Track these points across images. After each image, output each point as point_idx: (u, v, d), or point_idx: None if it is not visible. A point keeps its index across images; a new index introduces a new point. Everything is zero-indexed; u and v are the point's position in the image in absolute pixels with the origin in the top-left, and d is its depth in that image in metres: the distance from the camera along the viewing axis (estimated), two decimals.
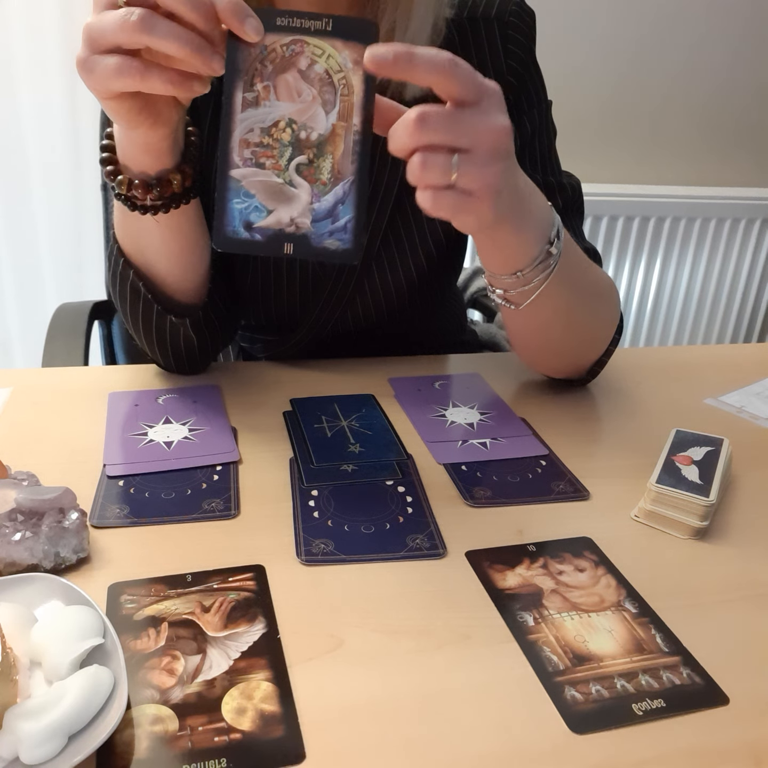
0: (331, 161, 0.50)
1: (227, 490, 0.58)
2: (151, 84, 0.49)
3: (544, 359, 0.75)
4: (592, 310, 0.70)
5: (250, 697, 0.40)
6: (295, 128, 0.50)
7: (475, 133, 0.48)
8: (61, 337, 0.95)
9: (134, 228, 0.64)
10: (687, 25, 1.73)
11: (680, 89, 1.79)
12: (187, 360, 0.74)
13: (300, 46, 0.49)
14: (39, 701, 0.36)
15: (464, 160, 0.48)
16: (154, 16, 0.46)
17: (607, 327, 0.73)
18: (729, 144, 1.90)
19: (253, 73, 0.49)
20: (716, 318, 2.04)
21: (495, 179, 0.49)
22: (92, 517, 0.53)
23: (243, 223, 0.51)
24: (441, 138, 0.47)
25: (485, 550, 0.52)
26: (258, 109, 0.50)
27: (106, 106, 0.52)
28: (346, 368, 0.79)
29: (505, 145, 0.50)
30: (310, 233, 0.51)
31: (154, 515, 0.54)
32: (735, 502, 0.60)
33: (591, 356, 0.74)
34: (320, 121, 0.50)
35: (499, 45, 0.73)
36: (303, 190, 0.51)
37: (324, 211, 0.51)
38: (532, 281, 0.60)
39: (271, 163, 0.50)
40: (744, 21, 1.76)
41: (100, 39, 0.48)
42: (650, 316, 1.99)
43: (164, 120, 0.54)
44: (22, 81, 1.49)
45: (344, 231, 0.51)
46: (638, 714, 0.40)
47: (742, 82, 1.83)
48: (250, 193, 0.51)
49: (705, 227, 1.89)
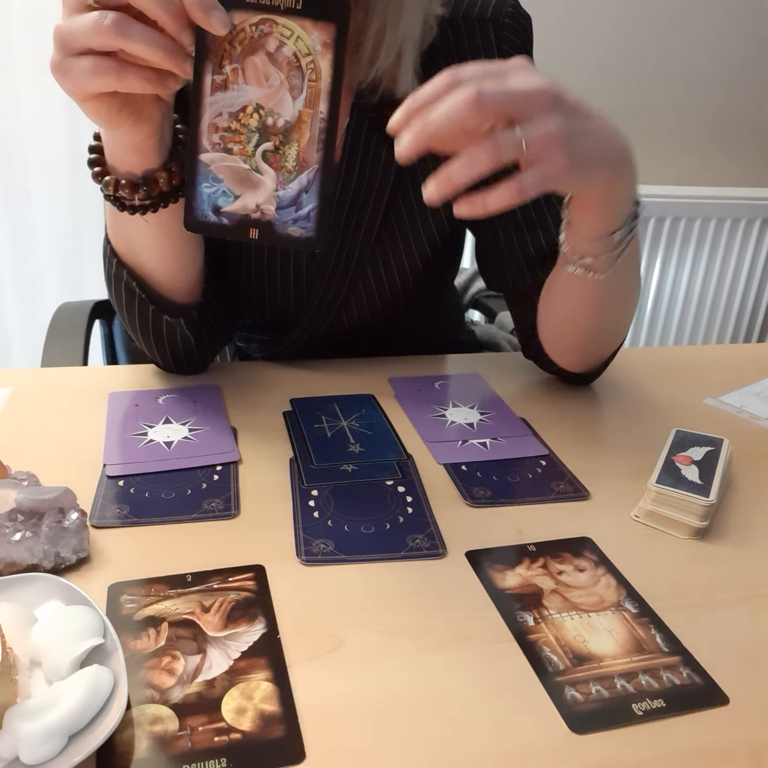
0: (296, 149, 0.50)
1: (227, 490, 0.58)
2: (127, 83, 0.49)
3: (573, 349, 0.75)
4: (634, 296, 0.72)
5: (250, 697, 0.40)
6: (263, 114, 0.50)
7: (525, 95, 0.47)
8: (61, 336, 0.95)
9: (125, 228, 0.64)
10: (688, 25, 1.73)
11: (680, 89, 1.79)
12: (186, 360, 0.74)
13: (269, 26, 0.48)
14: (39, 701, 0.36)
15: (524, 127, 0.47)
16: (127, 19, 0.46)
17: (630, 320, 0.75)
18: (729, 144, 1.90)
19: (222, 54, 0.49)
20: (716, 318, 2.04)
21: (559, 134, 0.48)
22: (92, 517, 0.53)
23: (211, 207, 0.52)
24: (504, 109, 0.47)
25: (485, 550, 0.52)
26: (226, 92, 0.50)
27: (85, 107, 0.52)
28: (346, 368, 0.79)
29: (552, 92, 0.49)
30: (274, 220, 0.51)
31: (154, 515, 0.54)
32: (735, 502, 0.60)
33: (610, 350, 0.75)
34: (287, 107, 0.50)
35: (494, 46, 0.73)
36: (269, 177, 0.51)
37: (288, 199, 0.51)
38: (621, 242, 0.60)
39: (238, 149, 0.51)
40: (744, 21, 1.76)
41: (73, 42, 0.48)
42: (650, 316, 1.99)
43: (146, 118, 0.54)
44: (23, 81, 1.49)
45: (307, 219, 0.51)
46: (638, 714, 0.40)
47: (743, 82, 1.83)
48: (218, 177, 0.51)
49: (705, 227, 1.89)
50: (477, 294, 1.23)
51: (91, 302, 1.04)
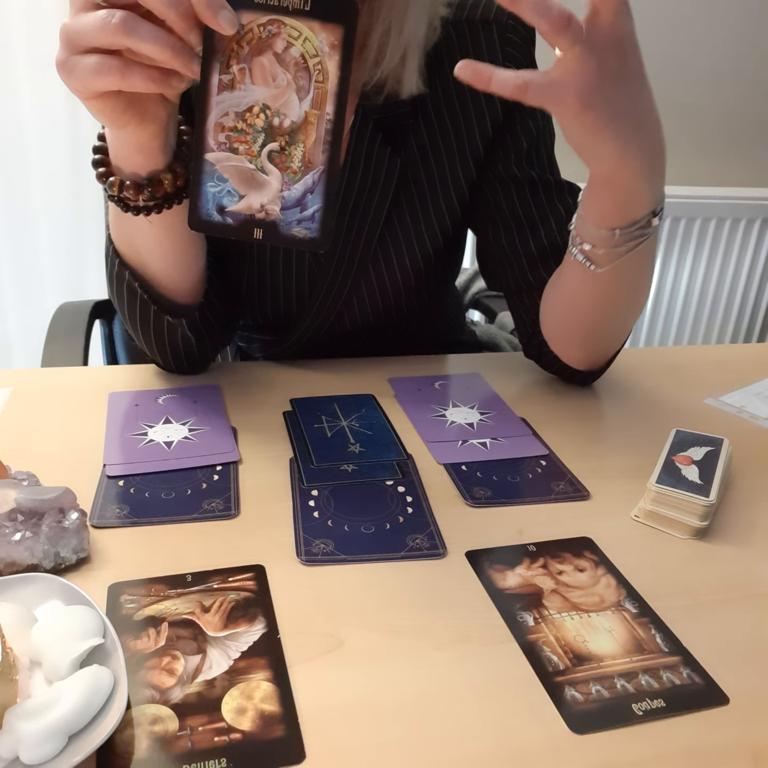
0: (302, 150, 0.50)
1: (227, 490, 0.58)
2: (132, 82, 0.49)
3: (576, 339, 0.74)
4: (640, 297, 0.72)
5: (250, 697, 0.40)
6: (269, 114, 0.50)
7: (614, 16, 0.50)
8: (62, 336, 0.95)
9: (128, 229, 0.64)
10: (689, 24, 1.73)
11: (680, 90, 1.79)
12: (186, 360, 0.74)
13: (277, 27, 0.48)
14: (39, 701, 0.36)
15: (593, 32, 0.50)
16: (135, 18, 0.47)
17: (636, 318, 0.75)
18: (729, 144, 1.90)
19: (230, 54, 0.49)
20: (716, 318, 2.04)
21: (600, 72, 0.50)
22: (92, 517, 0.53)
23: (216, 207, 0.52)
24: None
25: (485, 550, 0.52)
26: (233, 92, 0.50)
27: (90, 106, 0.52)
28: (346, 368, 0.79)
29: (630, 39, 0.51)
30: (279, 220, 0.51)
31: (154, 515, 0.54)
32: (735, 502, 0.60)
33: (614, 347, 0.75)
34: (293, 107, 0.50)
35: (497, 47, 0.73)
36: (274, 177, 0.51)
37: (293, 200, 0.51)
38: (624, 243, 0.60)
39: (244, 149, 0.50)
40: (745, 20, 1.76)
41: (80, 40, 0.48)
42: (650, 316, 1.99)
43: (151, 117, 0.54)
44: (23, 81, 1.49)
45: (312, 220, 0.51)
46: (638, 714, 0.40)
47: (742, 82, 1.83)
48: (223, 177, 0.51)
49: (705, 227, 1.89)
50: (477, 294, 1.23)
51: (91, 302, 1.04)
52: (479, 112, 0.75)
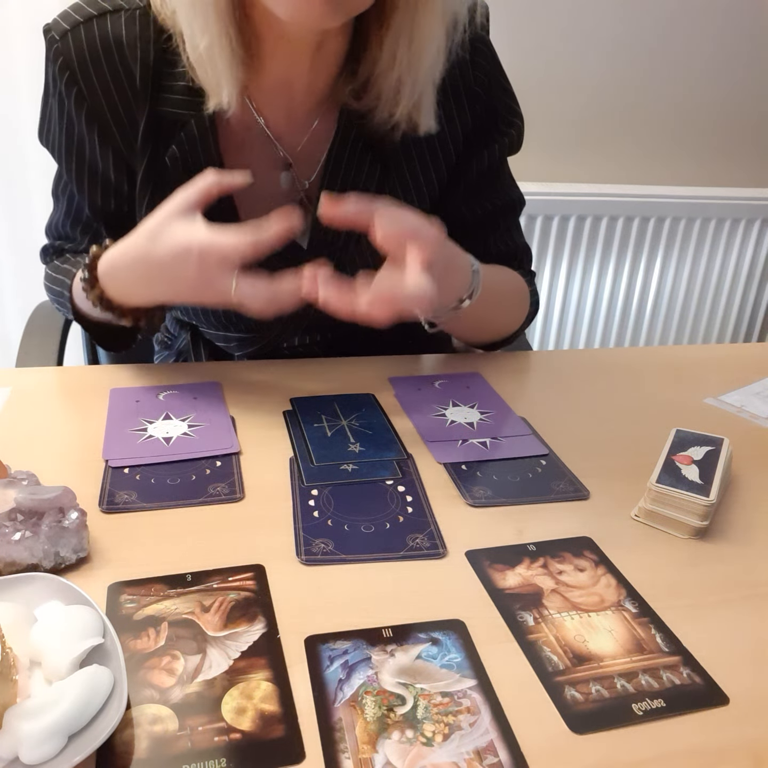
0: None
1: (231, 475, 0.59)
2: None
3: (468, 340, 0.89)
4: (503, 312, 0.84)
5: (250, 697, 0.40)
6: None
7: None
8: (38, 335, 0.96)
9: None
10: (688, 24, 1.73)
11: (680, 90, 1.79)
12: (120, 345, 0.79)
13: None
14: (39, 701, 0.36)
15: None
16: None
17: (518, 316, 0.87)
18: (729, 144, 1.90)
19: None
20: (716, 318, 2.04)
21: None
22: (101, 504, 0.55)
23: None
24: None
25: (485, 550, 0.52)
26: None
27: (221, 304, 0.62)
28: (346, 368, 0.79)
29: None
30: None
31: (162, 500, 0.56)
32: (735, 502, 0.60)
33: (509, 331, 0.87)
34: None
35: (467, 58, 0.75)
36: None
37: None
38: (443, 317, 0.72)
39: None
40: (743, 20, 1.76)
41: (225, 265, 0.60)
42: (650, 316, 1.99)
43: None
44: (23, 81, 1.49)
45: None
46: (638, 714, 0.40)
47: (743, 82, 1.83)
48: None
49: (705, 227, 1.89)
50: None
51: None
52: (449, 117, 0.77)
